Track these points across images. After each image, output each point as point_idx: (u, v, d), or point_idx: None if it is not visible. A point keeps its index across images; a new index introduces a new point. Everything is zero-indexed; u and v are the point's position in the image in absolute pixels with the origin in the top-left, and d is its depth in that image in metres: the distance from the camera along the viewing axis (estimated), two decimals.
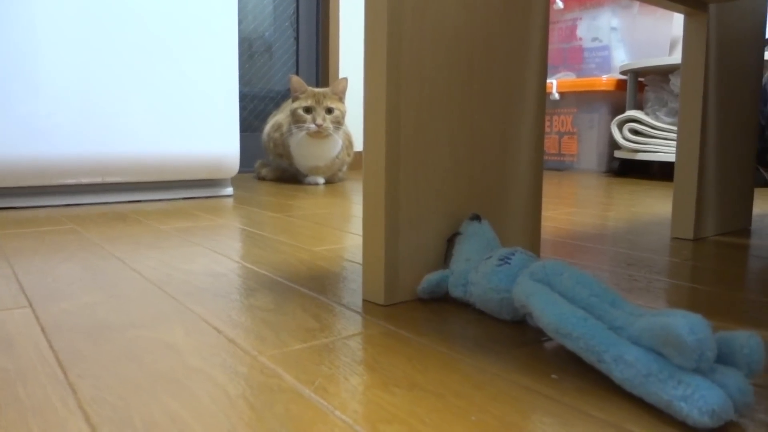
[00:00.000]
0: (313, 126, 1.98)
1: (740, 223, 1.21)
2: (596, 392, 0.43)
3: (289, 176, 2.19)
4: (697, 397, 0.37)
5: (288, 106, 2.13)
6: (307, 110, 2.00)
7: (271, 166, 2.26)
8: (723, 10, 1.07)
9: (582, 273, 0.50)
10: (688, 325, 0.38)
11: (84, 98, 1.44)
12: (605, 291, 0.49)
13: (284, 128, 2.09)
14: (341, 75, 2.90)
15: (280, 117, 2.18)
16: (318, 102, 2.00)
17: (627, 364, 0.41)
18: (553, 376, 0.47)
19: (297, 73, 2.88)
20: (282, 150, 2.12)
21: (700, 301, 0.68)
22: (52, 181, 1.44)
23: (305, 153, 2.05)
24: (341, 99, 2.07)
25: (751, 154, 1.21)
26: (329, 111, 2.01)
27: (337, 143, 2.06)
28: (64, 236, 1.04)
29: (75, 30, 1.42)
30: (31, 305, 0.63)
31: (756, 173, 1.26)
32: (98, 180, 1.49)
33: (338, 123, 2.03)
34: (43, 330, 0.56)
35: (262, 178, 2.28)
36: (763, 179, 2.07)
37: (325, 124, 1.98)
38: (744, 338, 0.41)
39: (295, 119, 2.01)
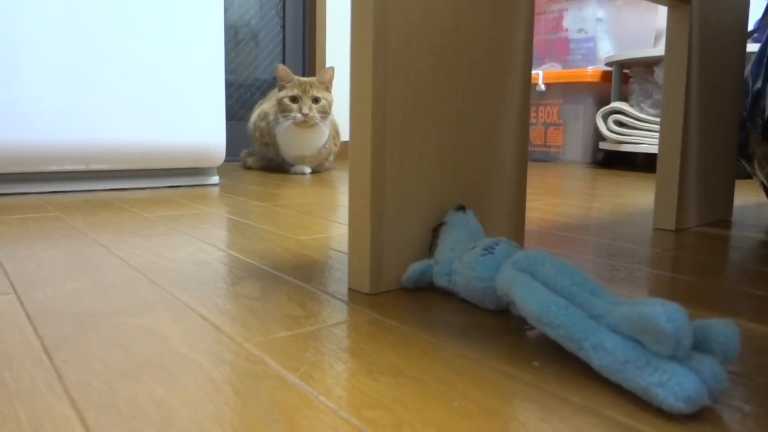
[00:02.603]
0: (299, 115, 1.97)
1: (721, 214, 1.23)
2: (576, 379, 0.44)
3: (276, 165, 2.19)
4: (673, 384, 0.38)
5: (274, 95, 2.12)
6: (294, 99, 1.99)
7: (257, 155, 2.25)
8: (706, 2, 1.08)
9: (563, 263, 0.51)
10: (665, 314, 0.39)
11: (68, 84, 1.43)
12: (586, 280, 0.49)
13: (270, 117, 2.09)
14: (328, 64, 2.89)
15: (266, 106, 2.18)
16: (304, 91, 1.99)
17: (606, 352, 0.42)
18: (535, 363, 0.47)
19: (283, 62, 2.86)
20: (268, 139, 2.11)
21: (680, 290, 0.69)
22: (36, 168, 1.43)
23: (291, 142, 2.05)
24: (328, 88, 2.06)
25: (733, 146, 1.23)
26: (316, 100, 2.01)
27: (323, 133, 2.06)
28: (49, 223, 1.03)
29: (59, 15, 1.41)
30: (15, 292, 0.63)
31: (737, 165, 1.27)
32: (83, 167, 1.49)
33: (325, 112, 2.03)
34: (28, 316, 0.56)
35: (248, 167, 2.27)
36: (744, 171, 2.10)
37: (311, 114, 1.98)
38: (720, 326, 0.42)
39: (281, 108, 2.00)
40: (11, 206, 1.23)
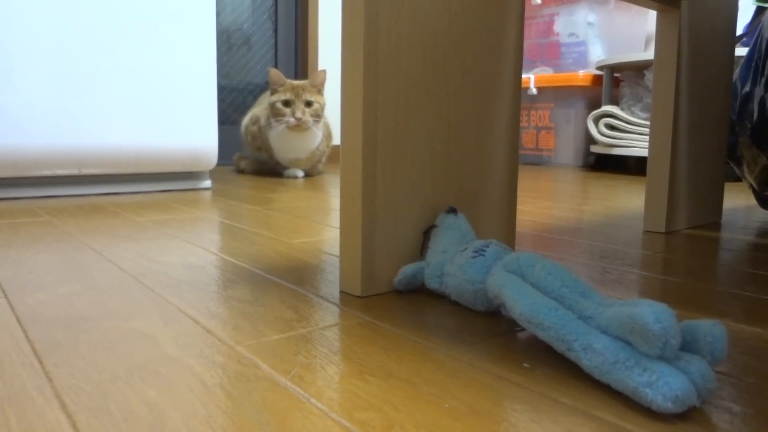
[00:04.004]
0: (292, 120, 1.97)
1: (711, 217, 1.23)
2: (566, 380, 0.45)
3: (269, 169, 2.19)
4: (662, 384, 0.38)
5: (266, 99, 2.12)
6: (286, 103, 2.00)
7: (249, 158, 2.25)
8: (695, 6, 1.09)
9: (554, 265, 0.52)
10: (653, 314, 0.39)
11: (61, 89, 1.43)
12: (576, 282, 0.50)
13: (262, 122, 2.09)
14: (320, 67, 2.89)
15: (257, 110, 2.18)
16: (297, 95, 1.99)
17: (595, 353, 0.43)
18: (525, 364, 0.48)
19: (276, 66, 2.86)
20: (261, 143, 2.11)
21: (670, 292, 0.70)
22: (27, 172, 1.42)
23: (285, 146, 2.05)
24: (320, 91, 2.07)
25: (722, 149, 1.24)
26: (308, 104, 2.01)
27: (316, 135, 2.06)
28: (40, 228, 1.03)
29: (51, 20, 1.41)
30: (6, 296, 0.63)
31: (727, 168, 1.28)
32: (74, 172, 1.48)
33: (317, 116, 2.03)
34: (18, 320, 0.56)
35: (241, 171, 2.27)
36: (734, 174, 2.11)
37: (304, 118, 1.98)
38: (708, 327, 0.42)
39: (274, 112, 2.00)
40: (2, 211, 1.22)
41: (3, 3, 1.35)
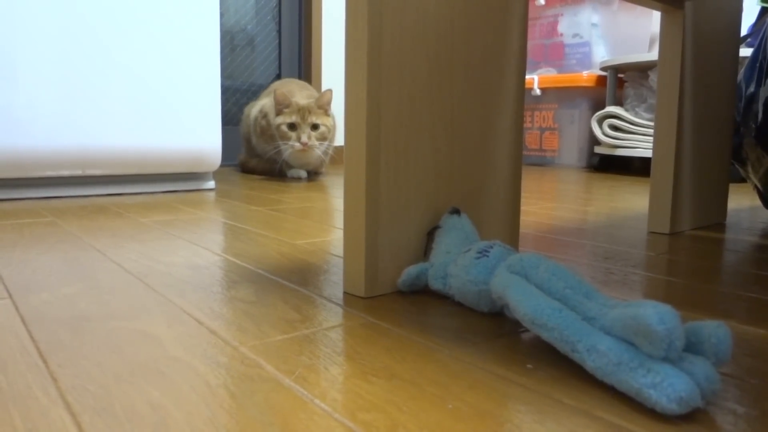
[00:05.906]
0: (297, 144, 1.95)
1: (715, 218, 1.23)
2: (570, 381, 0.45)
3: (272, 170, 2.18)
4: (666, 385, 0.38)
5: (269, 94, 2.10)
6: (292, 126, 1.97)
7: (258, 150, 2.19)
8: (699, 7, 1.08)
9: (558, 266, 0.52)
10: (657, 315, 0.39)
11: (64, 90, 1.43)
12: (579, 283, 0.50)
13: (270, 117, 2.06)
14: (323, 68, 2.89)
15: (266, 102, 2.13)
16: (303, 118, 1.96)
17: (599, 354, 0.43)
18: (529, 365, 0.48)
19: (279, 66, 2.87)
20: (270, 136, 2.07)
21: (674, 293, 0.70)
22: (31, 173, 1.43)
23: (294, 162, 2.05)
24: (327, 112, 2.02)
25: (727, 150, 1.24)
26: (314, 127, 1.98)
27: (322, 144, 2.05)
28: (44, 228, 1.03)
29: (55, 21, 1.41)
30: (11, 296, 0.63)
31: (731, 169, 1.28)
32: (78, 172, 1.48)
33: (324, 138, 2.00)
34: (23, 321, 0.56)
35: (250, 171, 2.25)
36: (738, 174, 2.11)
37: (310, 143, 1.95)
38: (712, 328, 0.42)
39: (280, 135, 1.98)
40: (7, 211, 1.23)
41: (7, 4, 1.35)
